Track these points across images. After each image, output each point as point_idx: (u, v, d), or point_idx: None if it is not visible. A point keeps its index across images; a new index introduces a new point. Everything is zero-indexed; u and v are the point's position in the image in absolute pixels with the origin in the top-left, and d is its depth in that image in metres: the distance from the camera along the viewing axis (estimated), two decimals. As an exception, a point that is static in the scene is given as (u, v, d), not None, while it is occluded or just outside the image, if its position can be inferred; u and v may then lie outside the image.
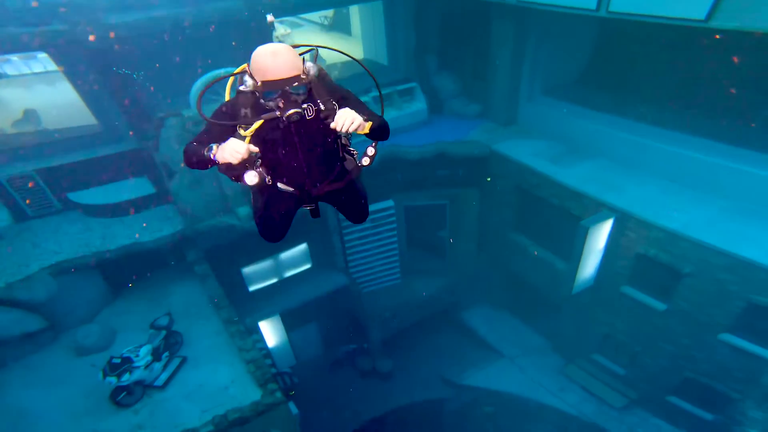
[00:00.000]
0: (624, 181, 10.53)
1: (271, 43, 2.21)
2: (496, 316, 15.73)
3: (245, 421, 8.70)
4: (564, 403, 12.77)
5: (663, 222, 9.24)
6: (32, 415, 8.96)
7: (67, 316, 10.62)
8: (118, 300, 11.66)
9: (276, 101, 2.27)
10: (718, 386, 10.18)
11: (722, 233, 8.64)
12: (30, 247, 10.67)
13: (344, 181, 2.81)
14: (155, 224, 11.55)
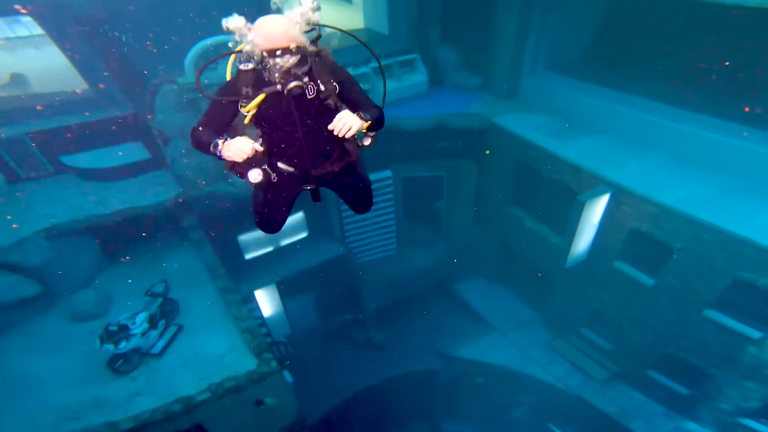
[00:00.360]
0: (624, 157, 10.56)
1: (273, 15, 2.25)
2: (489, 288, 15.99)
3: (240, 390, 8.86)
4: (551, 375, 13.21)
5: (659, 197, 9.30)
6: (33, 382, 9.04)
7: (63, 282, 10.55)
8: (113, 266, 11.61)
9: (276, 72, 2.27)
10: (697, 362, 10.52)
11: (717, 209, 8.74)
12: (23, 210, 10.54)
13: (345, 162, 2.82)
14: (150, 189, 11.46)
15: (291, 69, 2.26)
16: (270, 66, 2.26)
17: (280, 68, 2.24)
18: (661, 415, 11.85)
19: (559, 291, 13.36)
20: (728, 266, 8.70)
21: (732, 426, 10.74)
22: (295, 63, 2.25)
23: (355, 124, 2.33)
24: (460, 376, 14.32)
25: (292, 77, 2.28)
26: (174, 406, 8.43)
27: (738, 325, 9.26)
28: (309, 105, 2.48)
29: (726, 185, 9.34)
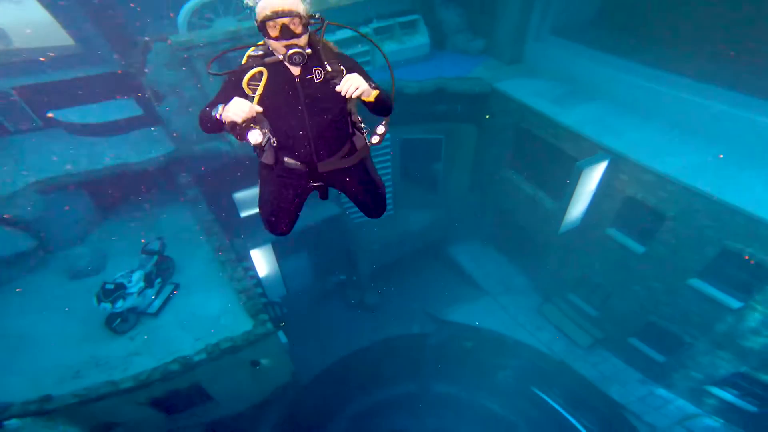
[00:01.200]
0: (624, 125, 10.56)
1: None
2: (482, 252, 16.15)
3: (237, 350, 9.05)
4: (538, 341, 13.58)
5: (656, 165, 9.36)
6: (33, 340, 9.12)
7: (57, 237, 10.53)
8: (107, 222, 11.54)
9: (278, 46, 2.32)
10: (676, 330, 10.89)
11: (713, 179, 8.80)
12: (12, 163, 10.31)
13: (353, 158, 2.79)
14: (144, 146, 11.25)
15: (293, 36, 2.30)
16: (270, 26, 2.29)
17: (280, 27, 2.28)
18: (636, 381, 12.36)
19: (551, 256, 13.57)
20: (717, 235, 8.86)
21: (700, 393, 11.28)
22: (293, 23, 2.29)
23: (362, 85, 2.31)
24: (450, 339, 14.64)
25: (294, 46, 2.31)
26: (172, 366, 8.61)
27: (720, 294, 9.54)
28: (316, 90, 2.48)
29: (724, 154, 9.35)
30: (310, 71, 2.46)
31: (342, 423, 14.65)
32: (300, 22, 2.31)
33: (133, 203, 11.85)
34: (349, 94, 2.30)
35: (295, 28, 2.31)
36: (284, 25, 2.28)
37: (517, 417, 14.41)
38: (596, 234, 11.53)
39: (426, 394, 15.30)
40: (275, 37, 2.32)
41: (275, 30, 2.30)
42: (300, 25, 2.32)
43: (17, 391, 8.20)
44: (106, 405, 8.32)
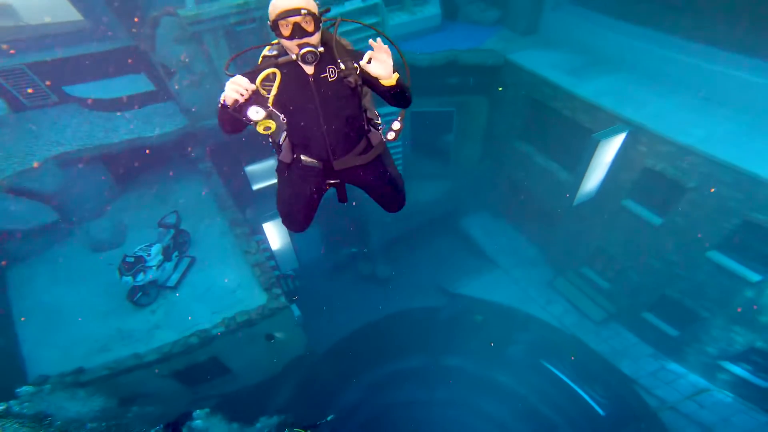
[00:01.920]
0: (646, 96, 10.28)
1: None
2: (494, 224, 16.06)
3: (252, 324, 9.32)
4: (549, 314, 13.56)
5: (678, 137, 9.15)
6: (62, 312, 9.46)
7: (78, 210, 10.80)
8: (125, 196, 11.75)
9: (292, 45, 2.33)
10: (691, 304, 10.78)
11: (737, 149, 8.58)
12: (31, 137, 10.45)
13: (369, 155, 2.78)
14: (157, 120, 11.35)
15: (305, 34, 2.31)
16: (282, 25, 2.29)
17: (291, 25, 2.28)
18: (648, 356, 12.33)
19: (564, 229, 13.44)
20: (740, 207, 8.68)
21: (713, 368, 11.24)
22: (305, 21, 2.28)
23: (388, 66, 2.29)
24: (461, 313, 14.70)
25: (307, 44, 2.32)
26: (192, 340, 8.92)
27: (739, 267, 9.38)
28: (330, 87, 2.47)
29: (750, 124, 9.10)
30: (323, 70, 2.46)
31: (354, 394, 14.90)
32: (312, 20, 2.31)
33: (148, 177, 11.99)
34: (377, 59, 2.29)
35: (307, 26, 2.31)
36: (296, 24, 2.28)
37: (526, 390, 14.51)
38: (611, 206, 11.36)
39: (436, 366, 15.46)
40: (288, 36, 2.32)
41: (287, 29, 2.30)
42: (312, 22, 2.32)
43: (52, 364, 8.57)
44: (132, 378, 8.68)
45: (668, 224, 10.23)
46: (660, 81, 10.46)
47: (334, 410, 13.75)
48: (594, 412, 12.78)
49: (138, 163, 11.42)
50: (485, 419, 14.99)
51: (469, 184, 15.41)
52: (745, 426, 10.51)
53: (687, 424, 10.79)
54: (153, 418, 8.96)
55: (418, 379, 15.40)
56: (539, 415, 14.15)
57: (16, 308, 9.52)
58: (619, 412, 12.29)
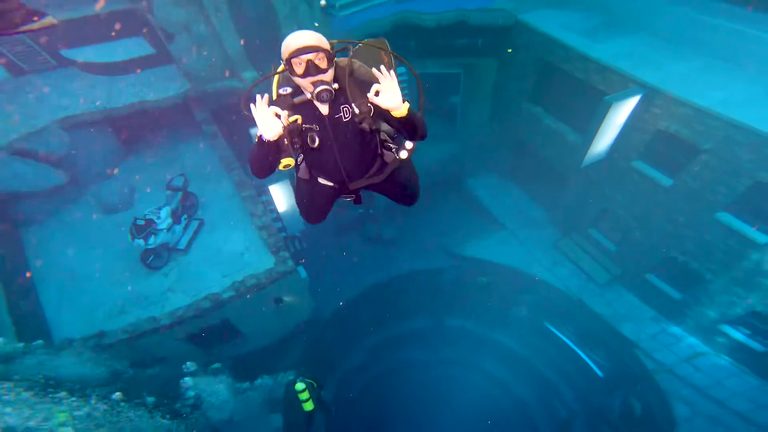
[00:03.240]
0: (664, 58, 9.99)
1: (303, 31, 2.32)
2: (500, 186, 15.94)
3: (261, 288, 9.46)
4: (554, 276, 13.61)
5: (696, 99, 8.95)
6: (80, 275, 9.62)
7: (86, 172, 10.85)
8: (131, 159, 11.72)
9: (306, 83, 2.33)
10: (697, 266, 10.83)
11: (756, 111, 8.42)
12: (34, 101, 10.32)
13: (383, 174, 2.84)
14: (159, 84, 11.15)
15: (319, 72, 2.30)
16: (295, 63, 2.28)
17: (305, 63, 2.28)
18: (650, 319, 12.49)
19: (572, 190, 13.36)
20: (754, 168, 8.59)
21: (712, 332, 11.42)
22: (318, 59, 2.28)
23: (396, 98, 2.31)
24: (466, 275, 14.81)
25: (321, 83, 2.31)
26: (204, 303, 9.11)
27: (748, 228, 9.37)
28: (345, 127, 2.51)
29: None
30: (338, 110, 2.48)
31: (360, 355, 15.28)
32: (325, 57, 2.31)
33: (154, 140, 11.91)
34: (378, 104, 2.32)
35: (320, 63, 2.30)
36: (309, 62, 2.28)
37: (529, 351, 14.80)
38: (621, 167, 11.27)
39: (441, 328, 15.74)
40: (301, 74, 2.31)
41: (301, 67, 2.30)
42: (325, 59, 2.31)
43: (74, 326, 8.82)
44: (149, 341, 8.90)
45: (679, 185, 10.16)
46: (678, 42, 10.14)
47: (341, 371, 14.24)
48: (593, 373, 13.14)
49: (143, 127, 11.32)
50: (488, 379, 15.46)
51: (475, 146, 15.20)
52: (737, 389, 10.81)
53: (682, 386, 11.08)
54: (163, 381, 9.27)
55: (423, 340, 15.74)
56: (540, 375, 14.55)
57: (34, 270, 9.68)
58: (617, 374, 12.62)
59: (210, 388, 9.82)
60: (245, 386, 10.72)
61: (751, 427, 10.24)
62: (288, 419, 9.90)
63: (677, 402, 10.88)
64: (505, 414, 14.82)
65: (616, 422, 12.32)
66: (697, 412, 10.70)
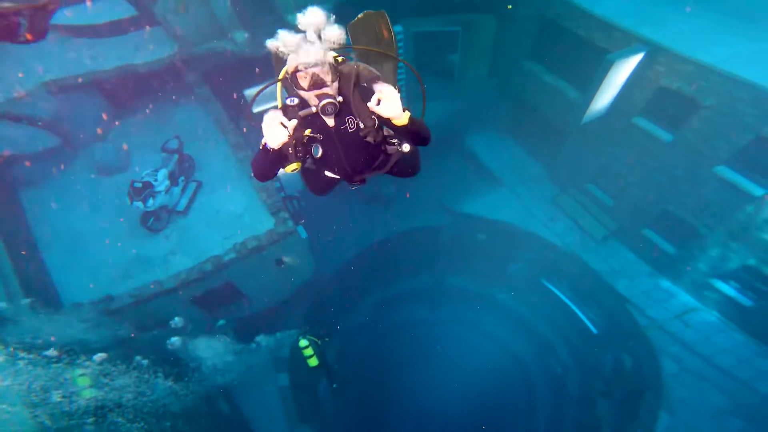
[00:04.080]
0: (669, 14, 9.73)
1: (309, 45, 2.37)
2: (499, 143, 15.78)
3: (262, 249, 9.56)
4: (551, 232, 13.73)
5: (701, 56, 8.80)
6: (82, 238, 9.63)
7: (79, 135, 10.65)
8: (123, 122, 11.49)
9: (311, 96, 2.40)
10: (692, 220, 10.99)
11: (761, 67, 8.29)
12: (18, 66, 9.98)
13: (387, 166, 2.94)
14: (145, 47, 10.79)
15: (324, 85, 2.35)
16: (300, 77, 2.33)
17: (310, 76, 2.32)
18: (644, 274, 12.73)
19: (571, 146, 13.27)
20: (755, 123, 8.58)
21: (703, 286, 11.71)
22: (323, 72, 2.33)
23: (396, 107, 2.36)
24: (464, 232, 14.91)
25: (325, 96, 2.38)
26: (206, 266, 9.21)
27: (745, 181, 9.50)
28: (350, 136, 2.61)
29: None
30: (343, 122, 2.56)
31: (361, 315, 15.63)
32: (330, 71, 2.36)
33: (145, 103, 11.63)
34: (379, 113, 2.38)
35: (325, 76, 2.35)
36: (314, 75, 2.32)
37: (525, 308, 15.14)
38: (621, 123, 11.19)
39: (440, 286, 16.01)
40: (307, 87, 2.36)
41: (306, 81, 2.34)
42: (329, 73, 2.36)
43: (81, 290, 8.93)
44: (155, 304, 9.09)
45: (678, 141, 10.16)
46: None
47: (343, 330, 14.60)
48: (588, 330, 13.52)
49: (132, 90, 11.02)
50: (486, 336, 15.93)
51: (474, 104, 14.90)
52: (723, 344, 11.24)
53: (671, 342, 11.49)
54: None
55: (423, 298, 16.05)
56: (537, 332, 14.98)
57: (36, 233, 9.70)
58: (610, 330, 13.00)
59: (210, 349, 10.10)
60: (250, 346, 11.06)
61: (732, 382, 10.75)
62: (294, 378, 10.30)
63: (666, 358, 11.32)
64: (503, 370, 15.38)
65: (608, 378, 12.83)
66: (684, 368, 11.17)
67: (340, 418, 13.59)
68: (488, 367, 15.26)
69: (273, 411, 11.40)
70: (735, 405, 10.54)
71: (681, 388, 10.93)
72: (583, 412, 13.19)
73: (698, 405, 10.70)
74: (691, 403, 10.74)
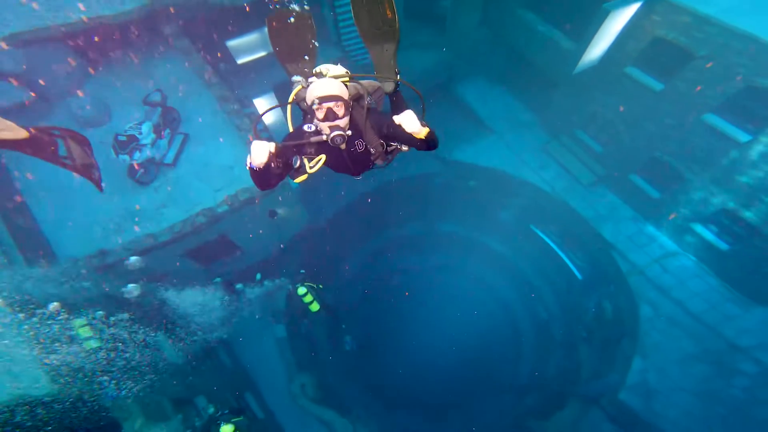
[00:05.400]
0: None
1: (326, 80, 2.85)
2: (490, 90, 15.57)
3: (254, 201, 9.56)
4: (541, 179, 13.88)
5: (699, 6, 8.68)
6: (69, 192, 9.40)
7: (52, 89, 10.22)
8: (100, 75, 10.96)
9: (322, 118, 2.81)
10: (678, 165, 11.22)
11: (762, 18, 8.21)
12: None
13: (388, 161, 3.32)
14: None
15: (336, 118, 2.78)
16: (317, 109, 2.77)
17: (325, 111, 2.76)
18: (629, 219, 13.08)
19: (562, 95, 13.20)
20: (746, 72, 8.63)
21: (684, 231, 12.11)
22: (337, 107, 2.78)
23: (416, 126, 2.70)
24: (455, 179, 15.00)
25: (336, 128, 2.81)
26: (199, 218, 9.21)
27: (731, 128, 9.72)
28: (360, 155, 3.03)
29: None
30: (353, 145, 2.98)
31: (354, 264, 15.92)
32: (343, 105, 2.80)
33: (122, 55, 11.05)
34: (408, 129, 2.70)
35: (338, 110, 2.79)
36: (329, 109, 2.76)
37: (514, 254, 15.53)
38: (613, 73, 11.14)
39: (432, 233, 16.28)
40: (321, 118, 2.80)
41: (321, 113, 2.78)
42: (343, 107, 2.81)
43: (74, 245, 8.92)
44: (151, 257, 9.15)
45: (669, 90, 10.22)
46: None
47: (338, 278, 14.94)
48: (573, 275, 14.02)
49: (105, 43, 10.40)
50: (476, 283, 16.44)
51: (465, 52, 14.51)
52: (697, 289, 11.81)
53: (649, 288, 12.01)
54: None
55: (415, 246, 16.36)
56: (524, 278, 15.47)
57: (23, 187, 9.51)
58: (595, 276, 13.48)
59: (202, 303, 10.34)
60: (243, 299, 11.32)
61: (701, 327, 11.39)
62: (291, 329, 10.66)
63: (643, 303, 11.87)
64: (492, 316, 16.00)
65: (590, 324, 13.45)
66: (658, 313, 11.75)
67: (337, 365, 14.22)
68: (478, 313, 15.86)
69: (272, 362, 11.93)
70: (702, 350, 11.21)
71: (655, 333, 11.57)
72: (565, 358, 13.93)
73: (669, 350, 11.37)
74: (662, 348, 11.41)
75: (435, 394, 14.70)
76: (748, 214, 10.33)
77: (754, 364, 10.73)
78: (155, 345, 9.24)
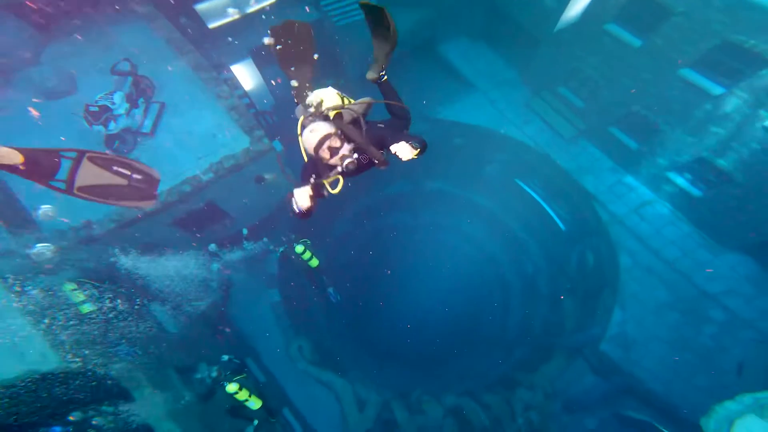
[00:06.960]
0: None
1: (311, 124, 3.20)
2: (473, 49, 15.43)
3: (240, 168, 9.48)
4: (524, 135, 14.08)
5: None
6: None
7: (10, 58, 9.71)
8: (59, 44, 10.42)
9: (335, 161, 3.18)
10: (654, 118, 11.51)
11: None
12: None
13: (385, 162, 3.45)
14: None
15: (339, 150, 3.14)
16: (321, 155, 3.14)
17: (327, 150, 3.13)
18: (608, 169, 13.43)
19: (544, 52, 13.17)
20: (723, 29, 8.78)
21: (660, 180, 12.53)
22: (333, 142, 3.13)
23: (409, 154, 2.96)
24: (441, 137, 14.99)
25: (345, 157, 3.14)
26: (185, 187, 9.14)
27: (706, 81, 9.99)
28: (364, 165, 3.36)
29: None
30: (360, 160, 3.29)
31: (345, 224, 16.07)
32: (337, 137, 3.11)
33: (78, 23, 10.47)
34: (404, 158, 2.96)
35: (336, 143, 3.12)
36: (328, 148, 3.09)
37: (500, 209, 15.81)
38: (593, 30, 11.21)
39: (419, 191, 16.40)
40: (329, 158, 3.13)
41: (326, 153, 3.12)
42: (337, 139, 3.12)
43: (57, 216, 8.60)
44: (137, 228, 9.13)
45: (647, 46, 10.36)
46: None
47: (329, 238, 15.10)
48: (557, 228, 14.41)
49: (55, 10, 9.84)
50: (464, 238, 16.76)
51: (447, 11, 14.23)
52: (672, 236, 12.33)
53: (628, 237, 12.49)
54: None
55: (403, 205, 16.51)
56: (510, 232, 15.81)
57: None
58: (577, 227, 13.89)
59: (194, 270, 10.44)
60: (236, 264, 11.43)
61: (675, 274, 11.96)
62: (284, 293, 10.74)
63: (623, 253, 12.34)
64: (480, 270, 16.41)
65: (573, 275, 13.97)
66: (636, 262, 12.26)
67: (332, 327, 14.61)
68: (467, 268, 16.31)
69: (269, 326, 12.21)
70: (675, 299, 11.80)
71: (633, 283, 12.10)
72: (550, 311, 14.49)
73: (645, 299, 11.92)
74: (640, 297, 11.96)
75: (427, 350, 15.24)
76: (722, 162, 10.75)
77: (722, 311, 11.42)
78: (151, 315, 9.43)
